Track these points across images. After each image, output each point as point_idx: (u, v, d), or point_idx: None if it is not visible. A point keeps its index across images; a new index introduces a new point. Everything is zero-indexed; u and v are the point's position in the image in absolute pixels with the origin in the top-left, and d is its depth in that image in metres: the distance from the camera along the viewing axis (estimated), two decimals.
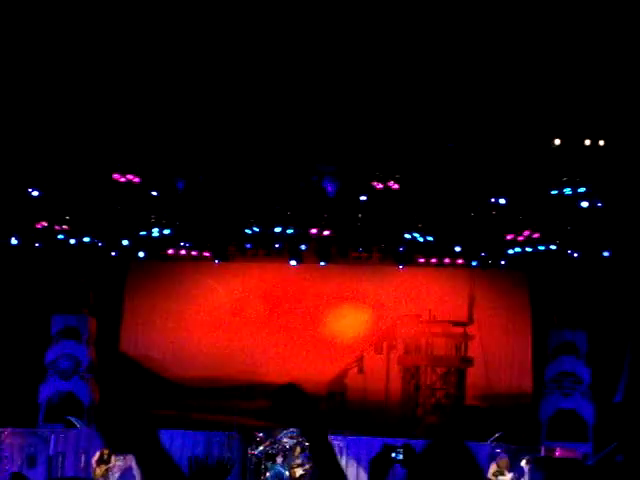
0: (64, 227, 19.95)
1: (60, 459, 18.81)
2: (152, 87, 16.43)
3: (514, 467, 18.19)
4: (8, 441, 17.95)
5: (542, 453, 18.65)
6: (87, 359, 21.10)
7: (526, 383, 21.57)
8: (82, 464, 18.83)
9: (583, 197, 17.89)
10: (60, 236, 20.12)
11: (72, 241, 20.26)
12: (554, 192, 17.93)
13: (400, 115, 16.60)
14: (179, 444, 19.29)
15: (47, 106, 16.46)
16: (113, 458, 18.46)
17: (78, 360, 20.95)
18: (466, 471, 3.46)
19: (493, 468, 18.11)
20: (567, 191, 17.84)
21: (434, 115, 16.57)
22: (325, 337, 22.25)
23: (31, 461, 18.39)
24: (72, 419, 19.90)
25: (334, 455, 3.65)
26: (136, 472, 18.48)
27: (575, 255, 19.92)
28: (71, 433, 19.42)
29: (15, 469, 17.76)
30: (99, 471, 18.43)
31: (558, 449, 18.51)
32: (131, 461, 18.65)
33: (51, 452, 18.76)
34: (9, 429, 18.20)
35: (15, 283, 20.83)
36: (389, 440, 18.21)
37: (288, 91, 16.36)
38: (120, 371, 21.83)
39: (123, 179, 18.30)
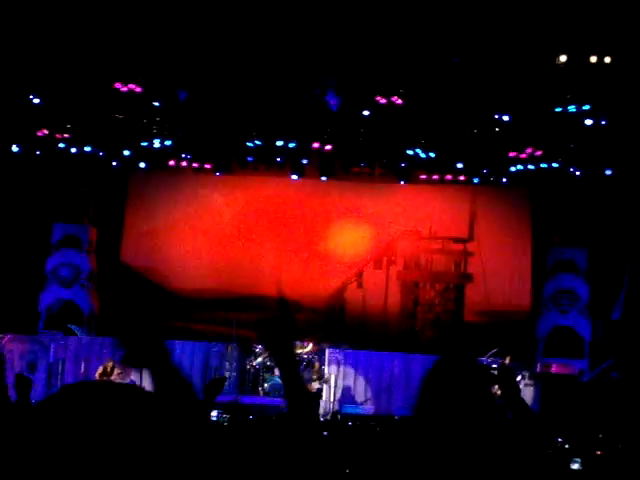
0: (65, 136, 19.89)
1: (60, 366, 18.95)
2: None
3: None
4: (8, 347, 18.06)
5: (538, 369, 18.80)
6: (87, 268, 21.14)
7: (524, 300, 21.67)
8: (82, 371, 18.94)
9: (587, 115, 17.77)
10: (61, 145, 20.07)
11: (73, 150, 20.21)
12: (558, 109, 17.80)
13: (405, 29, 16.40)
14: (178, 354, 19.39)
15: (49, 12, 16.26)
16: (115, 372, 18.59)
17: (78, 269, 20.99)
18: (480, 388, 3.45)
19: None
20: (571, 109, 17.70)
21: (439, 30, 16.38)
22: (325, 252, 22.27)
23: (31, 367, 18.53)
24: (72, 327, 20.02)
25: (305, 388, 3.55)
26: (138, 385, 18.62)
27: (577, 173, 19.90)
28: (71, 341, 19.52)
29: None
30: None
31: (554, 365, 18.64)
32: (131, 375, 18.81)
33: (51, 359, 18.91)
34: (9, 335, 18.30)
35: (16, 191, 20.80)
36: (387, 354, 18.30)
37: (293, 2, 16.15)
38: (121, 281, 21.90)
39: (125, 88, 18.15)
